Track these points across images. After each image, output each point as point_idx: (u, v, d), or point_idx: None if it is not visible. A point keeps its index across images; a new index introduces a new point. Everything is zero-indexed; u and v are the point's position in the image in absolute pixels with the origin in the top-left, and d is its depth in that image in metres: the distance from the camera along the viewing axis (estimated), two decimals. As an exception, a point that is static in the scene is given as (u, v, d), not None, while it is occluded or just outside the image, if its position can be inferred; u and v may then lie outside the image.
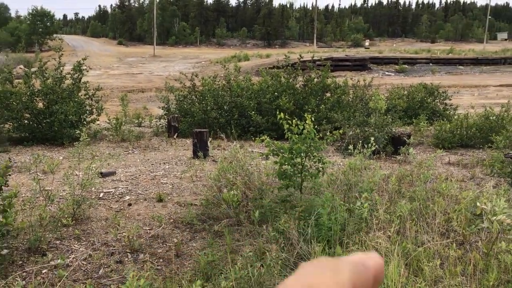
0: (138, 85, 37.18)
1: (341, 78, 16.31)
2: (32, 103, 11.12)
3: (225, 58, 54.42)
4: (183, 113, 13.44)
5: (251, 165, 6.64)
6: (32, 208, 5.43)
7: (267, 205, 5.08)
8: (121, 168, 8.35)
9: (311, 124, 4.96)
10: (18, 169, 8.02)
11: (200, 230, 5.16)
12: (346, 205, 4.83)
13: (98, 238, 4.87)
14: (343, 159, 8.87)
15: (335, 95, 13.03)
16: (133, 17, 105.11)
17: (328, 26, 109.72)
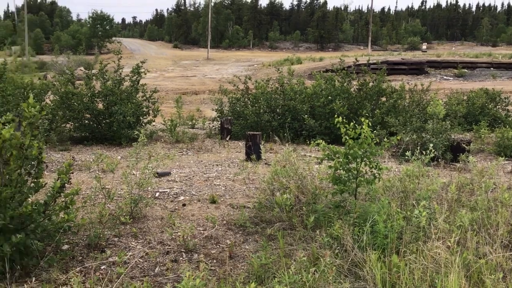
0: (192, 87, 37.90)
1: (396, 82, 15.97)
2: (92, 104, 11.56)
3: (278, 61, 54.53)
4: (236, 115, 13.57)
5: (304, 169, 6.59)
6: (92, 205, 5.63)
7: (321, 210, 5.03)
8: (175, 169, 8.52)
9: (368, 129, 4.87)
10: (79, 167, 8.34)
11: (252, 233, 5.17)
12: (402, 212, 4.70)
13: (154, 237, 4.98)
14: (399, 165, 8.66)
15: (391, 100, 12.76)
16: (188, 20, 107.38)
17: (383, 29, 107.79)
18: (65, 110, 11.49)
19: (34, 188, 4.12)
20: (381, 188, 5.61)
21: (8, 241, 3.73)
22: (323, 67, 39.34)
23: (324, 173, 6.45)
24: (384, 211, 4.50)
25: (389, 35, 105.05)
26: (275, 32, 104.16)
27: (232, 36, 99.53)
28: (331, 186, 6.10)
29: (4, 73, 10.84)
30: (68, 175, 4.18)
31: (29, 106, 3.96)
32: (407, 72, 43.64)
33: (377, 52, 72.30)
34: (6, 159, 3.84)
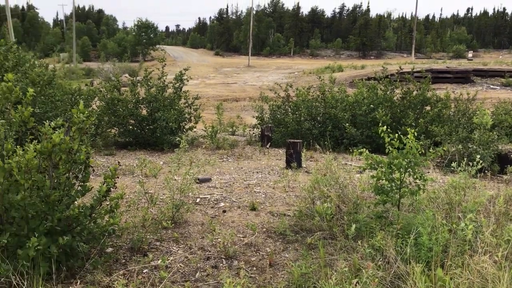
0: (232, 94, 38.21)
1: (441, 90, 15.60)
2: (136, 110, 11.83)
3: (318, 69, 54.29)
4: (276, 123, 13.58)
5: (345, 178, 6.52)
6: (136, 209, 5.74)
7: (363, 220, 4.95)
8: (216, 175, 8.60)
9: (413, 139, 4.78)
10: (123, 172, 8.53)
11: (293, 241, 5.15)
12: (448, 225, 4.57)
13: (195, 242, 5.03)
14: (443, 176, 8.44)
15: (436, 109, 12.47)
16: (230, 28, 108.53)
17: (427, 36, 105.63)
18: (111, 116, 11.81)
19: (81, 191, 4.24)
20: (425, 199, 5.48)
21: (55, 242, 3.84)
22: (365, 75, 38.89)
23: (366, 182, 6.35)
24: (429, 223, 4.39)
25: (434, 43, 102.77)
26: (316, 40, 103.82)
27: (273, 44, 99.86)
28: (373, 196, 6.01)
29: (53, 79, 11.23)
30: (114, 180, 4.29)
31: (79, 112, 4.08)
32: (452, 80, 42.54)
33: (420, 60, 70.91)
34: (55, 163, 3.97)
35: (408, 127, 9.22)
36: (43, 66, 12.49)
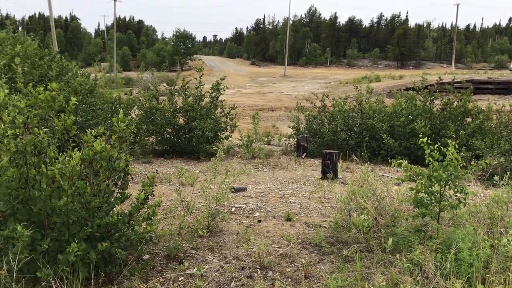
0: (268, 104, 38.30)
1: (482, 102, 15.21)
2: (174, 119, 12.01)
3: (355, 79, 53.83)
4: (312, 133, 13.52)
5: (382, 190, 6.42)
6: (172, 217, 5.80)
7: (400, 234, 4.85)
8: (251, 185, 8.61)
9: (454, 151, 4.66)
10: (160, 180, 8.65)
11: (328, 253, 5.09)
12: (489, 240, 4.43)
13: (230, 252, 5.04)
14: (485, 190, 8.19)
15: (477, 121, 12.15)
16: (266, 38, 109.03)
17: (468, 46, 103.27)
18: (149, 124, 12.03)
19: (120, 198, 4.32)
20: (466, 213, 5.33)
21: (95, 248, 3.92)
22: (403, 85, 38.30)
23: (404, 194, 6.23)
24: (469, 238, 4.27)
25: (474, 53, 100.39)
26: (353, 50, 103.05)
27: (309, 54, 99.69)
28: (411, 209, 5.89)
29: (94, 88, 11.55)
30: (152, 188, 4.35)
31: (119, 121, 4.18)
32: (493, 91, 41.41)
33: (461, 70, 69.33)
34: (96, 170, 4.07)
35: (449, 139, 9.01)
36: (85, 75, 12.86)
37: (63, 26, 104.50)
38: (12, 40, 12.70)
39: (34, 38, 13.36)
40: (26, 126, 4.01)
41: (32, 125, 4.04)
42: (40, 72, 10.67)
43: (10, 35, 13.32)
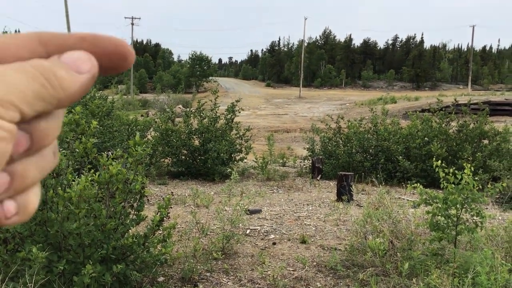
0: (283, 125, 38.36)
1: (499, 123, 15.06)
2: (189, 141, 12.10)
3: (370, 100, 53.74)
4: (327, 155, 13.49)
5: (398, 213, 6.36)
6: (187, 239, 5.81)
7: (417, 257, 4.80)
8: (266, 207, 8.59)
9: (470, 174, 4.62)
10: (175, 201, 8.69)
11: (344, 277, 5.04)
12: (508, 265, 4.35)
13: (245, 274, 5.01)
14: (503, 213, 8.07)
15: (494, 143, 12.02)
16: (281, 60, 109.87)
17: (484, 68, 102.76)
18: (165, 146, 12.13)
19: (136, 220, 4.35)
20: (483, 237, 5.25)
21: (110, 270, 3.95)
22: (419, 107, 38.11)
23: (420, 218, 6.17)
24: (487, 262, 4.20)
25: (491, 74, 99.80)
26: (368, 71, 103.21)
27: (324, 75, 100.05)
28: (428, 232, 5.82)
29: (112, 110, 11.72)
30: (167, 210, 4.38)
31: (136, 144, 4.24)
32: (511, 113, 40.92)
33: (477, 91, 68.84)
34: (112, 193, 4.12)
35: (465, 161, 8.93)
36: (103, 98, 13.07)
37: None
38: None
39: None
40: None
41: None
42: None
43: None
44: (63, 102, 0.32)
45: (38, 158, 0.33)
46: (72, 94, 0.32)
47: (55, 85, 0.32)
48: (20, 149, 0.32)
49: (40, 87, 0.31)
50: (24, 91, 0.30)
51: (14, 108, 0.30)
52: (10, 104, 0.30)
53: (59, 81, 0.32)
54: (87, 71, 0.33)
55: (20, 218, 0.33)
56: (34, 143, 0.33)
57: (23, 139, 0.32)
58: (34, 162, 0.33)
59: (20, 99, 0.30)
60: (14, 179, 0.32)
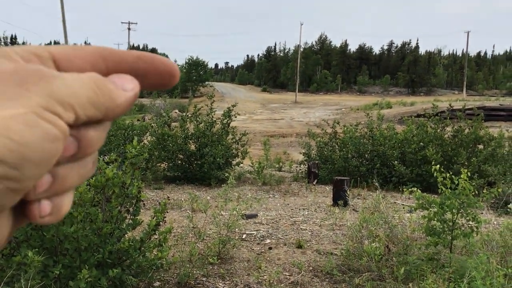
0: (279, 130, 38.40)
1: (494, 129, 15.14)
2: (185, 145, 12.09)
3: (366, 105, 53.92)
4: (323, 159, 13.51)
5: (393, 217, 6.38)
6: (183, 244, 5.81)
7: (413, 262, 4.81)
8: (262, 211, 8.59)
9: (466, 179, 4.64)
10: (171, 206, 8.67)
11: (340, 281, 5.04)
12: (503, 269, 4.37)
13: (241, 279, 5.01)
14: (498, 218, 8.09)
15: (489, 148, 12.08)
16: (277, 65, 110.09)
17: (479, 73, 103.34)
18: (161, 151, 12.11)
19: (132, 225, 4.35)
20: (479, 242, 5.28)
21: (106, 275, 3.93)
22: (415, 112, 38.25)
23: (416, 222, 6.19)
24: (483, 267, 4.21)
25: (486, 80, 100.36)
26: (364, 76, 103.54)
27: (320, 80, 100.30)
28: (424, 237, 5.83)
29: (108, 115, 11.69)
30: (163, 214, 4.38)
31: (132, 148, 4.24)
32: (505, 118, 41.12)
33: (472, 97, 69.18)
34: (108, 197, 4.11)
35: (460, 166, 8.97)
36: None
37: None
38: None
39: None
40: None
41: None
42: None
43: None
44: (110, 112, 0.35)
45: (80, 165, 0.35)
46: (118, 105, 0.35)
47: (105, 94, 0.34)
48: (67, 153, 0.34)
49: (93, 94, 0.34)
50: (80, 95, 0.33)
51: (71, 110, 0.32)
52: (69, 105, 0.32)
53: (108, 91, 0.35)
54: (131, 90, 0.36)
55: (52, 218, 0.34)
56: (80, 150, 0.35)
57: (71, 145, 0.34)
58: (75, 168, 0.35)
59: (76, 102, 0.33)
60: (55, 181, 0.34)
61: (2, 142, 0.29)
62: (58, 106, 0.32)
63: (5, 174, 0.30)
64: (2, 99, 0.30)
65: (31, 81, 0.32)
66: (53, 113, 0.31)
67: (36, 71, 0.32)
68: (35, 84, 0.31)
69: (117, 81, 0.36)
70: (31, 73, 0.32)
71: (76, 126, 0.33)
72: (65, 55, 0.36)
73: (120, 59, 0.38)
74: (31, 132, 0.30)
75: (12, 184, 0.30)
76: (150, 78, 0.39)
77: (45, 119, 0.31)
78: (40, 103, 0.31)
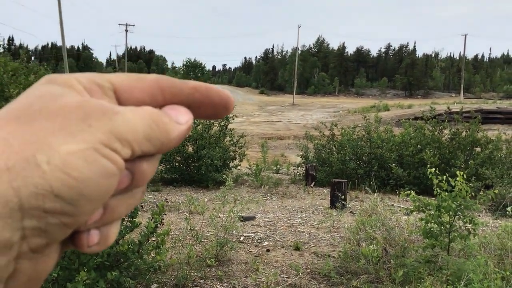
0: (277, 132, 38.43)
1: (491, 131, 15.19)
2: (183, 148, 12.08)
3: (364, 108, 54.03)
4: (321, 162, 13.52)
5: (391, 220, 6.39)
6: (181, 246, 5.81)
7: (410, 264, 4.82)
8: (260, 213, 8.60)
9: (463, 182, 4.66)
10: (169, 208, 8.67)
11: (337, 284, 5.05)
12: (501, 272, 4.38)
13: (239, 281, 5.01)
14: (495, 220, 8.12)
15: (486, 150, 12.10)
16: (275, 67, 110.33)
17: (476, 76, 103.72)
18: (158, 153, 12.09)
19: (130, 227, 4.34)
20: (476, 244, 5.29)
21: (104, 277, 3.93)
22: (412, 115, 38.33)
23: (413, 225, 6.20)
24: (480, 269, 4.23)
25: (483, 83, 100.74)
26: (361, 79, 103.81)
27: (317, 83, 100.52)
28: (421, 240, 5.84)
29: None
30: (161, 216, 4.38)
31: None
32: (503, 121, 41.24)
33: (469, 100, 69.40)
34: (106, 199, 4.11)
35: (458, 168, 8.99)
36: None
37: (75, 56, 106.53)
38: (26, 70, 12.96)
39: (47, 68, 13.63)
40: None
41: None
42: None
43: (23, 65, 13.61)
44: (164, 146, 0.35)
45: (130, 196, 0.36)
46: (172, 139, 0.36)
47: (161, 129, 0.35)
48: (121, 186, 0.34)
49: (149, 129, 0.34)
50: (137, 131, 0.33)
51: (128, 146, 0.33)
52: (126, 141, 0.33)
53: (164, 125, 0.35)
54: (185, 122, 0.37)
55: (99, 247, 0.35)
56: (134, 182, 0.35)
57: (125, 178, 0.34)
58: (125, 199, 0.35)
59: (134, 138, 0.33)
60: (106, 213, 0.34)
61: (61, 178, 0.29)
62: (117, 142, 0.32)
63: (61, 209, 0.30)
64: (65, 133, 0.31)
65: (94, 116, 0.32)
66: (112, 149, 0.32)
67: (99, 107, 0.33)
68: (97, 120, 0.32)
69: (172, 114, 0.36)
70: (94, 108, 0.32)
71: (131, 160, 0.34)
72: (125, 86, 0.37)
73: (177, 90, 0.38)
74: (89, 168, 0.30)
75: (66, 219, 0.31)
76: (204, 109, 0.39)
77: (104, 155, 0.31)
78: (100, 139, 0.31)
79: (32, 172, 0.29)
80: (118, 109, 0.34)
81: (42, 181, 0.29)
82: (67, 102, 0.32)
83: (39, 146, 0.30)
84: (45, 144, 0.30)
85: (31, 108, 0.32)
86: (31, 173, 0.29)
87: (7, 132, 0.30)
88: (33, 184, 0.29)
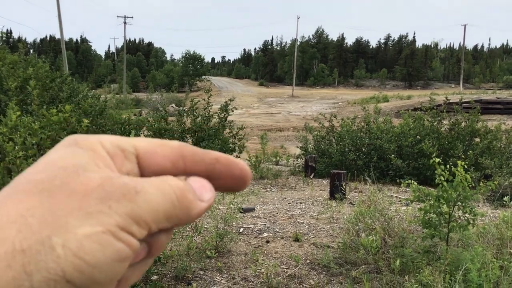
0: (276, 124, 38.40)
1: (491, 122, 15.19)
2: (182, 140, 12.08)
3: (363, 99, 53.94)
4: (320, 153, 13.53)
5: (390, 210, 6.41)
6: (181, 238, 5.83)
7: (409, 254, 4.84)
8: (259, 205, 8.62)
9: (463, 172, 4.66)
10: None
11: (337, 274, 5.07)
12: (499, 262, 4.40)
13: (238, 272, 5.03)
14: (494, 211, 8.14)
15: (485, 141, 12.11)
16: (274, 59, 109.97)
17: (476, 66, 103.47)
18: (158, 145, 12.09)
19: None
20: (475, 234, 5.31)
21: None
22: (411, 106, 38.29)
23: (412, 215, 6.22)
24: (478, 259, 4.25)
25: (483, 73, 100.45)
26: (361, 70, 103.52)
27: (317, 74, 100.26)
28: (420, 230, 5.87)
29: (104, 109, 11.66)
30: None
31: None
32: (502, 111, 41.16)
33: (469, 90, 69.26)
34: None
35: (457, 159, 9.00)
36: (95, 97, 13.00)
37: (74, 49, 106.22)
38: (24, 63, 12.91)
39: (45, 61, 13.56)
40: (39, 147, 4.08)
41: (45, 146, 4.12)
42: (51, 94, 10.82)
43: (22, 58, 13.56)
44: (180, 222, 0.34)
45: (143, 263, 0.36)
46: (191, 216, 0.35)
47: (183, 206, 0.34)
48: (137, 259, 0.34)
49: (171, 207, 0.33)
50: (157, 210, 0.32)
51: (146, 227, 0.32)
52: (144, 223, 0.32)
53: (187, 203, 0.34)
54: (207, 200, 0.35)
55: None
56: (150, 254, 0.35)
57: (142, 251, 0.34)
58: (138, 268, 0.35)
59: (152, 218, 0.32)
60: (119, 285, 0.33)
61: (74, 263, 0.29)
62: (134, 225, 0.31)
63: None
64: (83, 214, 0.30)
65: (114, 197, 0.31)
66: (128, 232, 0.31)
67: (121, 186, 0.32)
68: (117, 201, 0.31)
69: (197, 190, 0.35)
70: (116, 188, 0.32)
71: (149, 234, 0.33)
72: (148, 151, 0.36)
73: (199, 159, 0.37)
74: (103, 252, 0.30)
75: None
76: (223, 181, 0.38)
77: (119, 238, 0.31)
78: (118, 222, 0.31)
79: (46, 256, 0.29)
80: (141, 187, 0.33)
81: (55, 265, 0.29)
82: (89, 179, 0.32)
83: (55, 226, 0.30)
84: (62, 225, 0.30)
85: (54, 181, 0.31)
86: (45, 257, 0.29)
87: (27, 208, 0.30)
88: (46, 269, 0.28)
